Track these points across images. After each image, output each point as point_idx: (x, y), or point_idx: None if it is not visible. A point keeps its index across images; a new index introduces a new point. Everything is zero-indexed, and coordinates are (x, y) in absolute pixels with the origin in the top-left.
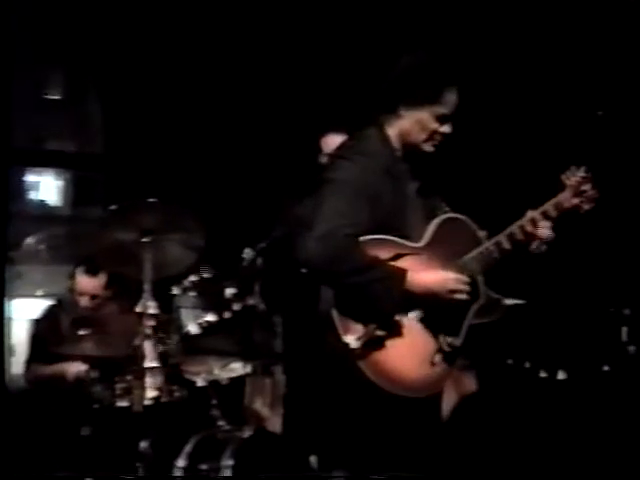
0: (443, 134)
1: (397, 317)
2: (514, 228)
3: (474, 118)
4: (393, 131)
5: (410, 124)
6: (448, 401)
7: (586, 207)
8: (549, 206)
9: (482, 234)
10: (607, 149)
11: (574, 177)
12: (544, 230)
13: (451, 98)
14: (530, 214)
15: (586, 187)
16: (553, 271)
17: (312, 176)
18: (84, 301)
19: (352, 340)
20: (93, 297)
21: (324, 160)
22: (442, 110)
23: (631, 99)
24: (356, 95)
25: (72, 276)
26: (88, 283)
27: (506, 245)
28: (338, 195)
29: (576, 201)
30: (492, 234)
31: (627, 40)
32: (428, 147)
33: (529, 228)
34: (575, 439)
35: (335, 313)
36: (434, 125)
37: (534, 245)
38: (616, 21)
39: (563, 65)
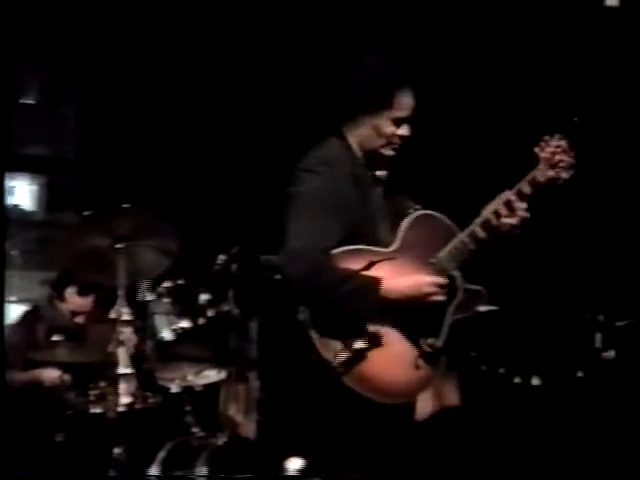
0: (401, 137)
1: (376, 326)
2: (488, 214)
3: (435, 109)
4: (353, 139)
5: (367, 131)
6: (425, 409)
7: (564, 176)
8: (523, 184)
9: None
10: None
11: (548, 147)
12: (520, 212)
13: (405, 101)
14: (504, 195)
15: (562, 156)
16: (527, 277)
17: (284, 185)
18: (80, 319)
19: (333, 357)
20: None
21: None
22: (397, 114)
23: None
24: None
25: (61, 295)
26: (81, 303)
27: (481, 234)
28: (306, 210)
29: (552, 173)
30: (467, 224)
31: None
32: (388, 151)
33: (504, 212)
34: (550, 444)
35: (313, 332)
36: (391, 129)
37: (511, 228)
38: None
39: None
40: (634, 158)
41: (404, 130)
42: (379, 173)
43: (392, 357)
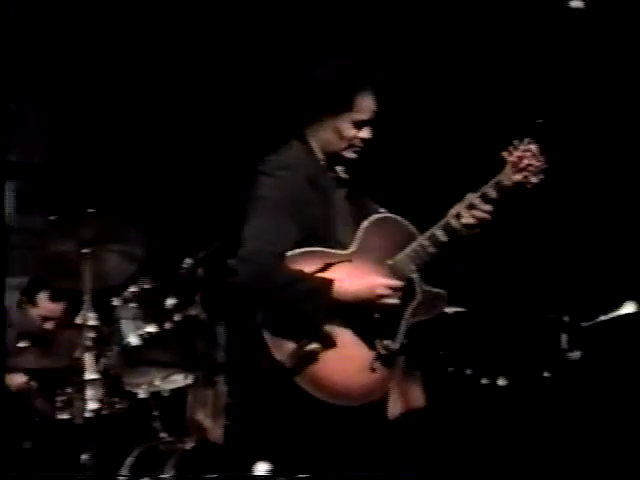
0: (363, 139)
1: (329, 328)
2: (450, 217)
3: (399, 111)
4: (315, 141)
5: (329, 133)
6: (393, 411)
7: (533, 180)
8: (488, 188)
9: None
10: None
11: (516, 151)
12: (483, 215)
13: (366, 103)
14: (467, 198)
15: (530, 161)
16: (493, 278)
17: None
18: (49, 325)
19: (285, 358)
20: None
21: None
22: (358, 116)
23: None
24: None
25: (32, 300)
26: (52, 309)
27: (442, 237)
28: (261, 214)
29: (519, 177)
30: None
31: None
32: (349, 154)
33: (466, 215)
34: (517, 444)
35: (266, 333)
36: (352, 132)
37: (473, 231)
38: (553, 38)
39: (500, 75)
40: (598, 158)
41: (365, 133)
42: (341, 176)
43: (346, 359)
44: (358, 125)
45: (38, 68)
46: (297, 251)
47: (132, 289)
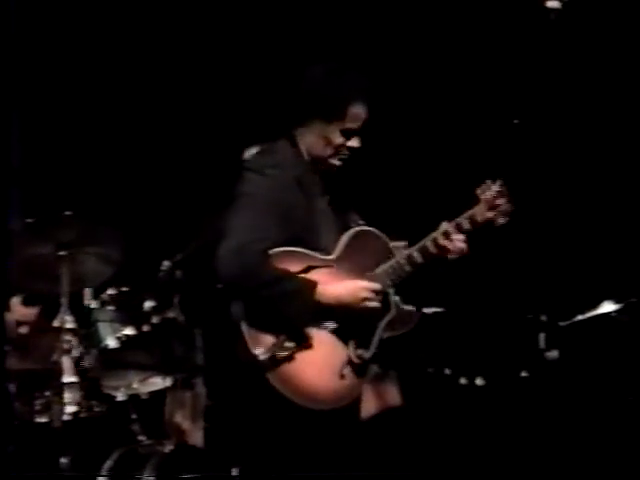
0: (350, 148)
1: (307, 329)
2: (427, 241)
3: (387, 129)
4: (303, 144)
5: (316, 138)
6: (367, 411)
7: (500, 221)
8: (463, 219)
9: (396, 245)
10: (522, 163)
11: (489, 191)
12: (457, 243)
13: (357, 113)
14: (444, 226)
15: (500, 201)
16: (469, 278)
17: (229, 188)
18: (23, 329)
19: (260, 352)
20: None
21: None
22: (348, 125)
23: (547, 114)
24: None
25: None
26: (25, 313)
27: (418, 259)
28: (248, 209)
29: (490, 215)
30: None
31: (540, 56)
32: (335, 161)
33: (442, 241)
34: (495, 443)
35: (244, 326)
36: (340, 140)
37: (447, 256)
38: (529, 39)
39: (477, 77)
40: (575, 158)
41: (353, 142)
42: (325, 181)
43: (319, 363)
44: (347, 134)
45: (14, 70)
46: (280, 250)
47: (110, 292)
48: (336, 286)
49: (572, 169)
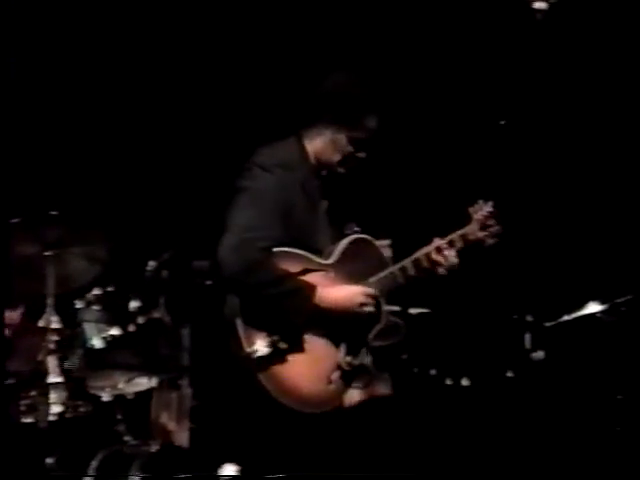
0: (357, 159)
1: (302, 332)
2: (420, 255)
3: (386, 143)
4: (310, 146)
5: (326, 143)
6: (353, 397)
7: (490, 242)
8: (455, 236)
9: (381, 244)
10: (513, 184)
11: (481, 212)
12: (450, 258)
13: (370, 124)
14: (437, 242)
15: (491, 222)
16: (455, 278)
17: (228, 185)
18: (8, 331)
19: (254, 350)
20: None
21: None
22: (359, 135)
23: (534, 115)
24: (281, 105)
25: None
26: (8, 315)
27: (411, 271)
28: (253, 206)
29: (481, 235)
30: (398, 258)
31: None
32: (340, 169)
33: (434, 256)
34: (480, 444)
35: (239, 322)
36: (349, 148)
37: (439, 270)
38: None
39: (467, 81)
40: (561, 160)
41: (361, 153)
42: (325, 186)
43: (309, 365)
44: (356, 143)
45: None
46: (280, 249)
47: (95, 291)
48: (334, 290)
49: (558, 169)
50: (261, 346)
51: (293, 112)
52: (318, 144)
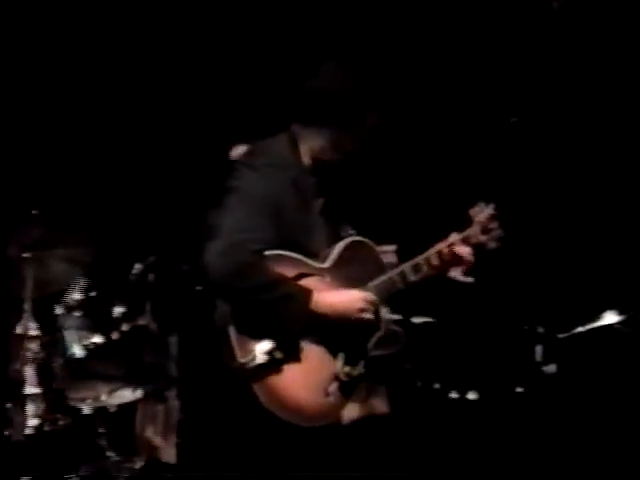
0: (358, 156)
1: (298, 340)
2: (420, 259)
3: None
4: (305, 145)
5: (326, 143)
6: (352, 413)
7: (492, 245)
8: (457, 240)
9: (385, 250)
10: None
11: (482, 214)
12: (466, 254)
13: (373, 121)
14: (438, 246)
15: (493, 225)
16: (461, 285)
17: (216, 185)
18: None
19: (248, 360)
20: None
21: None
22: (362, 132)
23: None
24: (267, 103)
25: None
26: None
27: (411, 277)
28: (243, 207)
29: (483, 238)
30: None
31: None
32: (339, 167)
33: (435, 261)
34: (487, 464)
35: (232, 330)
36: (350, 147)
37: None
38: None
39: (476, 96)
40: (571, 168)
41: (361, 149)
42: (321, 185)
43: (306, 375)
44: (358, 141)
45: None
46: (273, 252)
47: (77, 296)
48: (332, 294)
49: (571, 177)
50: (258, 354)
51: (283, 108)
52: (317, 144)
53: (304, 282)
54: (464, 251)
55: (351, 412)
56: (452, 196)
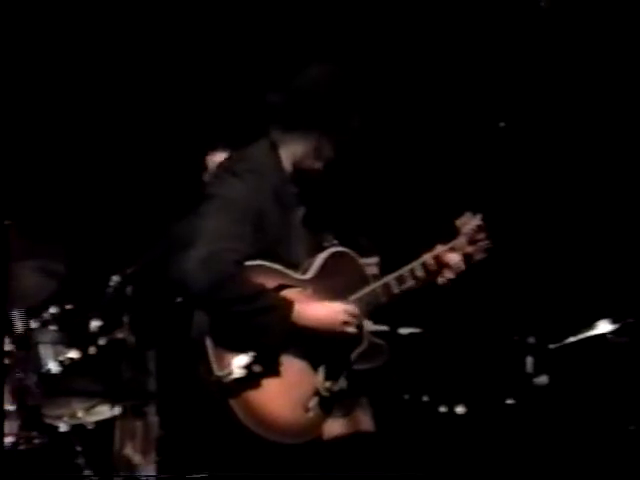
0: (339, 162)
1: (278, 353)
2: (404, 271)
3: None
4: (287, 152)
5: (308, 150)
6: (330, 432)
7: (478, 257)
8: (443, 251)
9: (368, 262)
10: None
11: (469, 225)
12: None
13: (355, 124)
14: (423, 258)
15: (480, 236)
16: (450, 295)
17: (193, 193)
18: None
19: (225, 374)
20: None
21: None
22: (344, 137)
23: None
24: (244, 110)
25: None
26: None
27: (395, 289)
28: (223, 214)
29: (470, 249)
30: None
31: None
32: (321, 175)
33: (419, 272)
34: (481, 475)
35: (209, 342)
36: (332, 153)
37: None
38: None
39: (463, 102)
40: (561, 175)
41: (343, 154)
42: (303, 193)
43: (284, 391)
44: (340, 146)
45: None
46: (254, 263)
47: (52, 310)
48: (313, 307)
49: (561, 186)
50: (235, 368)
51: (261, 113)
52: (298, 151)
53: (285, 294)
54: (453, 259)
55: (334, 428)
56: (438, 206)
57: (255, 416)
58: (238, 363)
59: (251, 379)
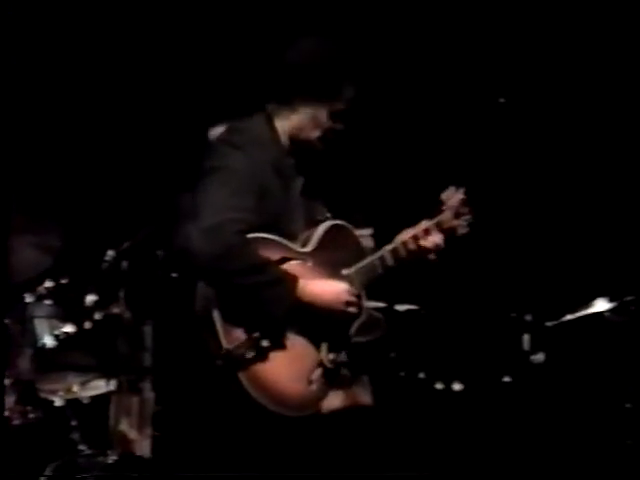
0: (335, 131)
1: (284, 327)
2: (397, 244)
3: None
4: (283, 124)
5: (304, 120)
6: (329, 405)
7: (462, 231)
8: (431, 225)
9: (362, 233)
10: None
11: (454, 198)
12: (435, 239)
13: (350, 94)
14: (412, 231)
15: (464, 210)
16: (446, 272)
17: (194, 166)
18: None
19: (235, 347)
20: None
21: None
22: (339, 106)
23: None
24: (243, 82)
25: None
26: None
27: (390, 262)
28: (227, 185)
29: (455, 223)
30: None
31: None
32: (319, 144)
33: (412, 246)
34: (474, 454)
35: (217, 316)
36: (328, 122)
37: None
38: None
39: (455, 78)
40: (558, 157)
41: (339, 124)
42: (301, 165)
43: (289, 364)
44: (336, 115)
45: None
46: (257, 235)
47: (47, 284)
48: (318, 284)
49: (559, 159)
50: (237, 345)
51: (257, 86)
52: (294, 122)
53: (286, 266)
54: (434, 240)
55: (333, 402)
56: (422, 179)
57: (263, 389)
58: (246, 337)
59: (260, 354)
